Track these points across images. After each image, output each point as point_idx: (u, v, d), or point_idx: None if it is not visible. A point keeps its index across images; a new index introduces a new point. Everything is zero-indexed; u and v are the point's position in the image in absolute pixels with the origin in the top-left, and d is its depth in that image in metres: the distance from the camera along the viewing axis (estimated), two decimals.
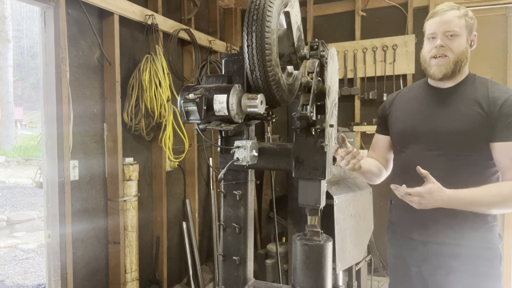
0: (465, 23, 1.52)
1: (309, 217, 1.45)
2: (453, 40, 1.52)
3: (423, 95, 1.68)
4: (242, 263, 1.57)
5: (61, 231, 2.27)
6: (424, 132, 1.61)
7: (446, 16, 1.52)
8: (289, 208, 3.26)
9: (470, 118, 1.51)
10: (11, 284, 4.48)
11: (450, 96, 1.59)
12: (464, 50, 1.53)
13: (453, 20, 1.51)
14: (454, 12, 1.52)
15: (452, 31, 1.51)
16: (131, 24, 2.81)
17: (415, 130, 1.64)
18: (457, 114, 1.54)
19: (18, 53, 26.98)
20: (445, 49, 1.52)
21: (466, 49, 1.54)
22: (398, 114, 1.74)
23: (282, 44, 1.54)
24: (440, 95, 1.61)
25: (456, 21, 1.51)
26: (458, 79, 1.59)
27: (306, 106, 1.34)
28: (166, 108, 2.84)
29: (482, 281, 1.53)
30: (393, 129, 1.76)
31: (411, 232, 1.66)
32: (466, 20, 1.53)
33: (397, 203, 1.75)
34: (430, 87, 1.67)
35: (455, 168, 1.54)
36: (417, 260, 1.65)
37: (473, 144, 1.52)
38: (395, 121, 1.75)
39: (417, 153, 1.63)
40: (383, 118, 1.83)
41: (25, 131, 19.82)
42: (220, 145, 1.57)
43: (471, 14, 1.55)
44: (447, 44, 1.52)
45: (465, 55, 1.54)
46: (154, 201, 3.13)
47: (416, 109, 1.67)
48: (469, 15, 1.54)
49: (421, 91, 1.71)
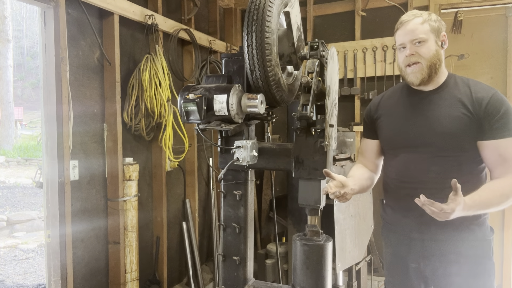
0: (429, 28, 1.57)
1: (309, 217, 1.45)
2: (421, 46, 1.57)
3: (408, 99, 1.71)
4: (242, 263, 1.57)
5: (61, 231, 2.27)
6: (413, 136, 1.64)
7: (409, 26, 1.58)
8: (289, 208, 3.26)
9: (456, 119, 1.56)
10: (11, 284, 4.48)
11: (433, 98, 1.63)
12: (434, 53, 1.58)
13: (417, 28, 1.57)
14: (417, 20, 1.58)
15: (418, 38, 1.56)
16: (131, 24, 2.81)
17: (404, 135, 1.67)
18: (443, 116, 1.58)
19: (18, 53, 26.98)
20: (415, 57, 1.57)
21: (437, 51, 1.59)
22: (385, 119, 1.77)
23: (282, 44, 1.54)
24: (424, 97, 1.65)
25: (420, 28, 1.57)
26: (438, 81, 1.63)
27: (306, 106, 1.34)
28: (166, 108, 2.84)
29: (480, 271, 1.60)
30: (382, 135, 1.79)
31: (409, 231, 1.69)
32: (430, 25, 1.58)
33: (389, 203, 1.79)
34: (412, 90, 1.70)
35: (448, 168, 1.57)
36: (416, 257, 1.68)
37: (461, 144, 1.56)
38: (383, 127, 1.77)
39: (410, 157, 1.65)
40: (371, 123, 1.85)
41: (25, 131, 19.82)
42: (220, 145, 1.57)
43: (434, 17, 1.61)
44: (417, 51, 1.57)
45: (437, 57, 1.58)
46: (154, 201, 3.13)
47: (402, 114, 1.71)
48: (433, 19, 1.60)
49: (405, 94, 1.74)
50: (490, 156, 1.54)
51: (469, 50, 3.42)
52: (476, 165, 1.60)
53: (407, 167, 1.66)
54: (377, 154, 1.84)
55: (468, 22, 3.39)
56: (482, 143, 1.54)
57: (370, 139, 1.85)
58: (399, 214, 1.73)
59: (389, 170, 1.78)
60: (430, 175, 1.59)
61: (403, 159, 1.68)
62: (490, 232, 1.64)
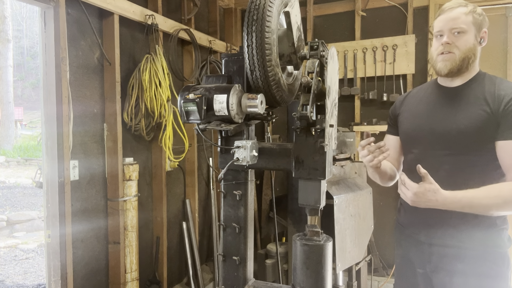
0: (472, 20, 1.50)
1: (309, 217, 1.45)
2: (459, 37, 1.50)
3: (432, 95, 1.67)
4: (242, 263, 1.57)
5: (61, 231, 2.27)
6: (430, 132, 1.60)
7: (452, 14, 1.51)
8: (289, 208, 3.26)
9: (477, 117, 1.48)
10: (11, 284, 4.48)
11: (458, 95, 1.57)
12: (471, 47, 1.50)
13: (460, 17, 1.49)
14: (461, 9, 1.51)
15: (459, 28, 1.49)
16: (131, 24, 2.81)
17: (422, 130, 1.63)
18: (464, 113, 1.51)
19: (18, 53, 26.97)
20: (451, 46, 1.51)
21: (474, 46, 1.51)
22: (406, 114, 1.73)
23: (282, 44, 1.54)
24: (448, 94, 1.60)
25: (463, 18, 1.49)
26: (467, 77, 1.56)
27: (306, 106, 1.34)
28: (166, 108, 2.84)
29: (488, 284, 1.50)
30: (401, 129, 1.76)
31: (418, 233, 1.65)
32: (473, 17, 1.50)
33: (404, 203, 1.73)
34: (439, 87, 1.65)
35: (462, 168, 1.51)
36: (423, 261, 1.64)
37: (480, 143, 1.48)
38: (403, 121, 1.74)
39: (425, 153, 1.62)
40: (394, 119, 1.82)
41: (25, 131, 19.81)
42: (220, 145, 1.57)
43: (479, 10, 1.53)
44: (454, 41, 1.50)
45: (472, 52, 1.51)
46: (154, 201, 3.13)
47: (424, 109, 1.66)
48: (477, 12, 1.52)
49: (430, 91, 1.69)
50: (504, 158, 1.45)
51: None
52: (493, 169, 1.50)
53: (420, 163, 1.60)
54: (399, 150, 1.79)
55: None
56: (498, 143, 1.46)
57: (393, 135, 1.82)
58: (409, 214, 1.70)
59: (404, 167, 1.76)
60: (440, 173, 1.51)
61: (416, 156, 1.65)
62: (507, 242, 1.51)
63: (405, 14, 3.60)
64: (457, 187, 1.43)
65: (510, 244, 1.53)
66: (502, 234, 1.52)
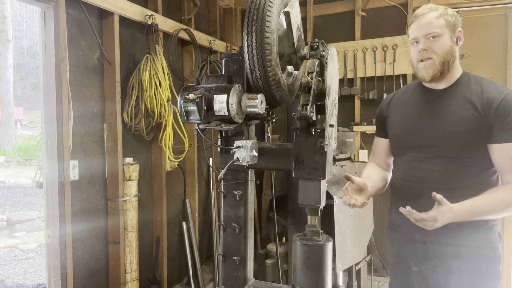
0: (445, 22, 1.51)
1: (309, 217, 1.45)
2: (435, 42, 1.51)
3: (419, 98, 1.68)
4: (242, 263, 1.57)
5: (61, 231, 2.27)
6: (421, 135, 1.61)
7: (424, 19, 1.52)
8: (289, 208, 3.26)
9: (463, 120, 1.50)
10: (11, 284, 4.48)
11: (444, 97, 1.58)
12: (448, 49, 1.51)
13: (432, 22, 1.51)
14: (432, 14, 1.52)
15: (432, 32, 1.50)
16: (131, 24, 2.81)
17: (412, 134, 1.65)
18: (452, 116, 1.53)
19: (18, 53, 26.96)
20: (428, 52, 1.52)
21: (451, 47, 1.52)
22: (395, 117, 1.74)
23: (282, 44, 1.54)
24: (434, 96, 1.61)
25: (435, 22, 1.50)
26: (451, 79, 1.58)
27: (306, 106, 1.34)
28: (166, 108, 2.84)
29: (482, 280, 1.54)
30: (391, 133, 1.77)
31: (411, 233, 1.66)
32: (445, 19, 1.51)
33: (394, 202, 1.76)
34: (425, 89, 1.66)
35: (455, 170, 1.53)
36: (417, 260, 1.65)
37: (470, 145, 1.51)
38: (392, 125, 1.75)
39: (417, 156, 1.63)
40: (381, 121, 1.83)
41: (25, 131, 19.81)
42: (220, 145, 1.57)
43: (451, 11, 1.54)
44: (430, 46, 1.51)
45: (451, 54, 1.52)
46: (154, 201, 3.13)
47: (412, 112, 1.67)
48: (449, 13, 1.53)
49: (416, 93, 1.70)
50: (500, 160, 1.48)
51: (469, 50, 3.42)
52: (485, 168, 1.53)
53: (412, 166, 1.64)
54: (388, 152, 1.81)
55: (468, 22, 3.38)
56: (492, 146, 1.48)
57: (381, 138, 1.83)
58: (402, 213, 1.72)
59: (396, 169, 1.77)
60: (433, 175, 1.55)
61: (408, 158, 1.66)
62: (498, 239, 1.56)
63: (405, 14, 3.61)
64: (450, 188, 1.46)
65: (500, 240, 1.57)
66: (493, 230, 1.57)
